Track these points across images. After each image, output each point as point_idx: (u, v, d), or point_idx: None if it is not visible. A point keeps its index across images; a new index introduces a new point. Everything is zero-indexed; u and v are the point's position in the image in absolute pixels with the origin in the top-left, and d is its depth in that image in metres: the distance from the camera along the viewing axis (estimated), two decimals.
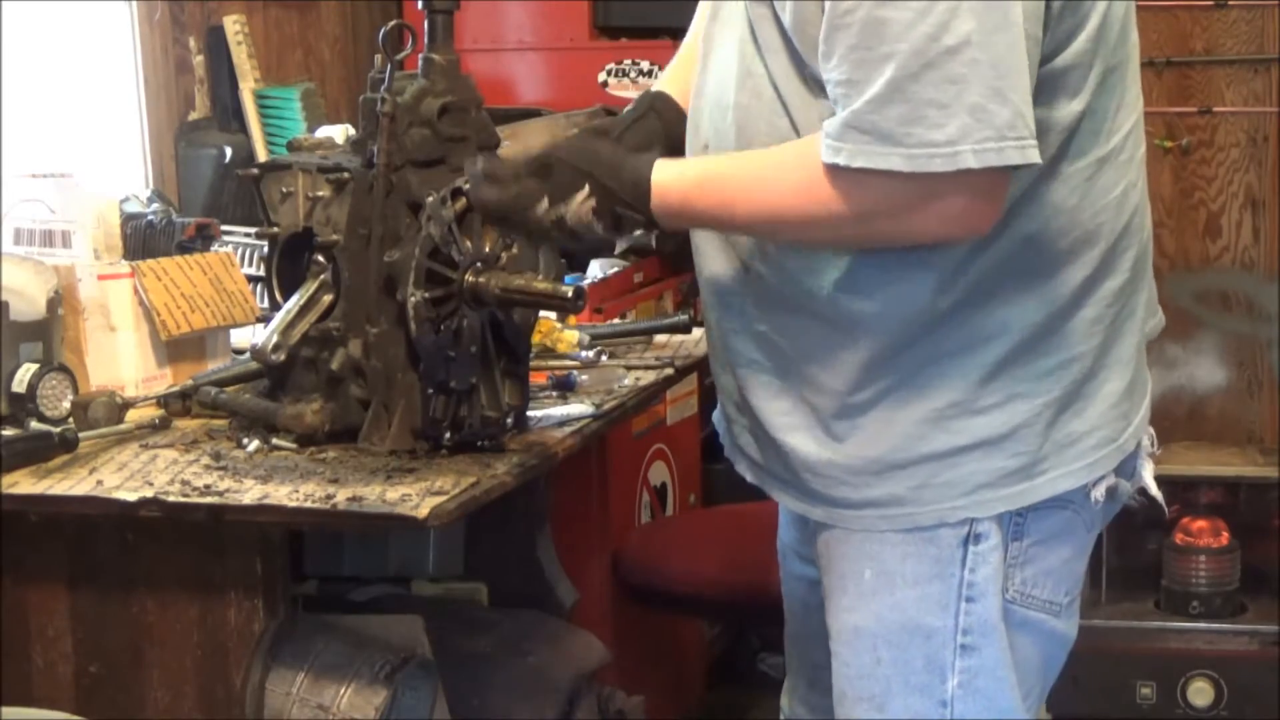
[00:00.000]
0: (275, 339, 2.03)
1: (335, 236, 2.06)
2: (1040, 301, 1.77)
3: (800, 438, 1.85)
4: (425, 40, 2.08)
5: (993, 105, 1.58)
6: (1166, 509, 1.92)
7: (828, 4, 1.64)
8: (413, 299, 1.99)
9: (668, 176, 1.78)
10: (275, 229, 2.13)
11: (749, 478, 1.99)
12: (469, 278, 2.03)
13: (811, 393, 1.83)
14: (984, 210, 1.66)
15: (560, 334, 2.62)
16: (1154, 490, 1.90)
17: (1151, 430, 1.91)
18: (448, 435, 2.05)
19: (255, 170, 2.16)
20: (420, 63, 2.08)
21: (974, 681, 1.83)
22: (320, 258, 2.08)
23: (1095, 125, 1.76)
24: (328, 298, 2.08)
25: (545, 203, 1.79)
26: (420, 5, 2.07)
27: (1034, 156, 1.62)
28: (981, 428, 1.78)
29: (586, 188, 1.78)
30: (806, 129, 1.73)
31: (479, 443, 2.08)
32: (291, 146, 2.21)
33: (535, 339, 2.50)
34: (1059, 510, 1.83)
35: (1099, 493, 1.83)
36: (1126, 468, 1.88)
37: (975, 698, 1.83)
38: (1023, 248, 1.75)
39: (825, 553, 1.90)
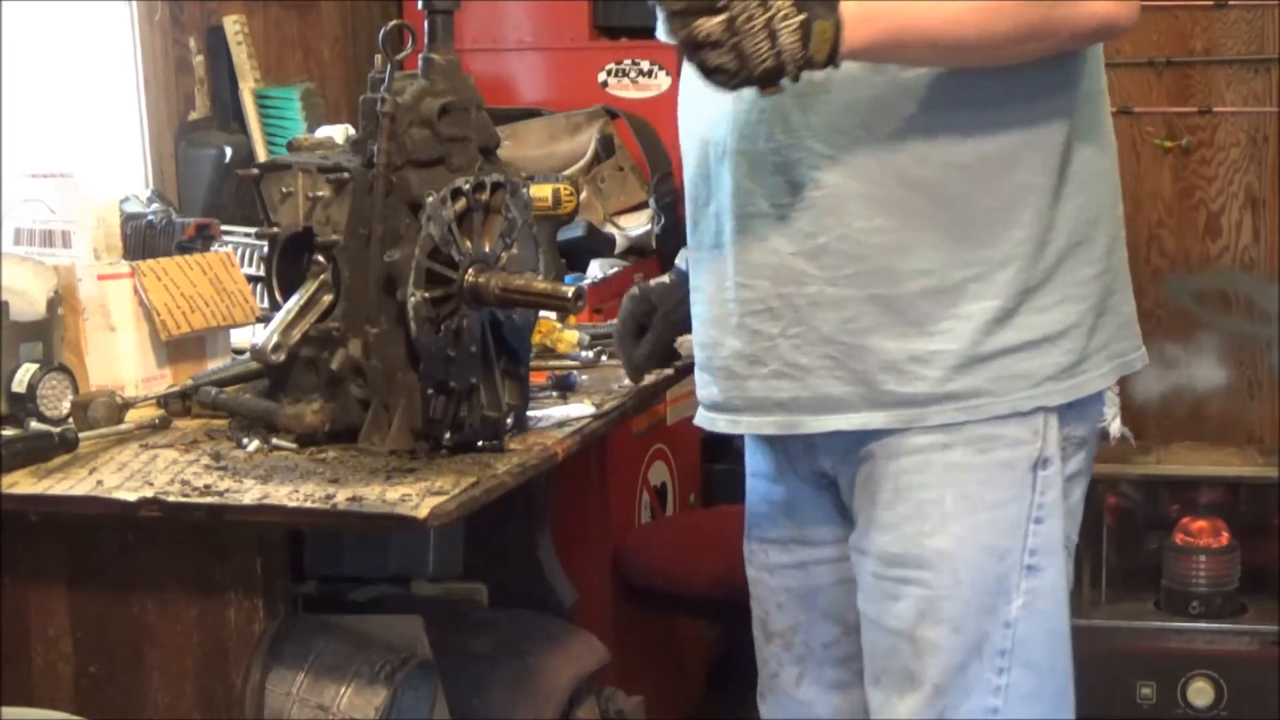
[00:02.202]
0: (275, 339, 2.03)
1: (335, 236, 2.06)
2: (1084, 209, 1.95)
3: (879, 338, 1.91)
4: (425, 40, 2.08)
5: None
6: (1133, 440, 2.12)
7: None
8: (413, 299, 1.99)
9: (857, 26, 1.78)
10: (275, 229, 2.13)
11: (770, 430, 2.01)
12: (469, 278, 2.04)
13: (889, 286, 1.90)
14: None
15: (560, 334, 2.62)
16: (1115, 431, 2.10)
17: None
18: (448, 435, 2.05)
19: (255, 170, 2.16)
20: (420, 63, 2.08)
21: (1035, 602, 1.95)
22: (320, 258, 2.08)
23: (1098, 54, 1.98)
24: (328, 298, 2.08)
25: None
26: (420, 5, 2.07)
27: None
28: (1044, 324, 1.93)
29: None
30: None
31: (479, 443, 2.08)
32: (291, 146, 2.21)
33: (535, 339, 2.50)
34: (1080, 449, 2.00)
35: (1115, 428, 1.99)
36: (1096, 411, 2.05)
37: (1035, 618, 1.95)
38: (1078, 153, 1.93)
39: (886, 484, 1.96)
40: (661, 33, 1.99)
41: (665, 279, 2.23)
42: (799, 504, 2.11)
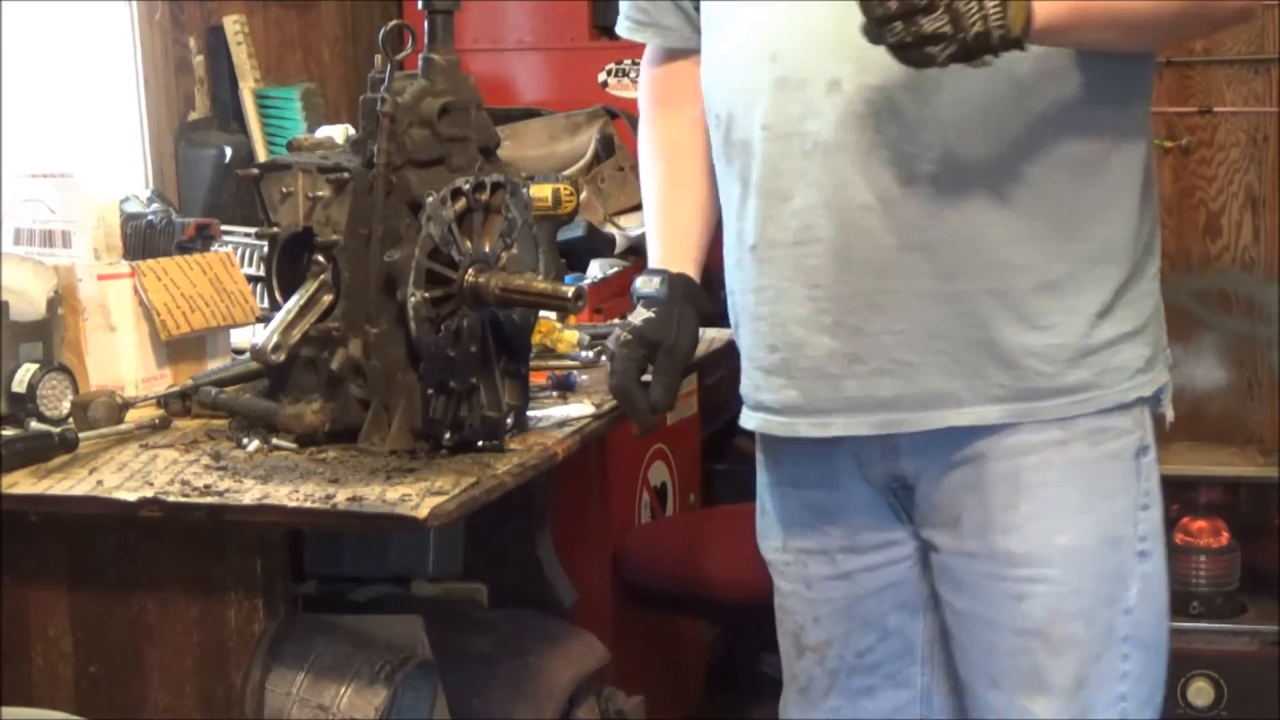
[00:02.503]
0: (275, 339, 2.03)
1: (335, 236, 2.06)
2: (1155, 205, 2.03)
3: (992, 332, 1.91)
4: (425, 40, 2.08)
5: None
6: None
7: None
8: (413, 299, 1.99)
9: None
10: (275, 229, 2.13)
11: (867, 430, 1.97)
12: (469, 278, 2.03)
13: (1001, 280, 1.91)
14: None
15: (560, 334, 2.62)
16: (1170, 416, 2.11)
17: None
18: (448, 435, 2.05)
19: (255, 170, 2.16)
20: (420, 63, 2.08)
21: (1148, 586, 2.00)
22: (320, 258, 2.08)
23: None
24: (328, 298, 2.08)
25: None
26: (420, 5, 2.07)
27: None
28: (1131, 318, 1.97)
29: None
30: None
31: (479, 443, 2.08)
32: (291, 146, 2.21)
33: (535, 339, 2.50)
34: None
35: (1170, 413, 2.06)
36: None
37: (1149, 602, 2.00)
38: (1149, 155, 2.00)
39: (1003, 485, 1.96)
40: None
41: (648, 314, 2.05)
42: (855, 511, 2.07)
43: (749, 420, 2.07)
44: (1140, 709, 2.01)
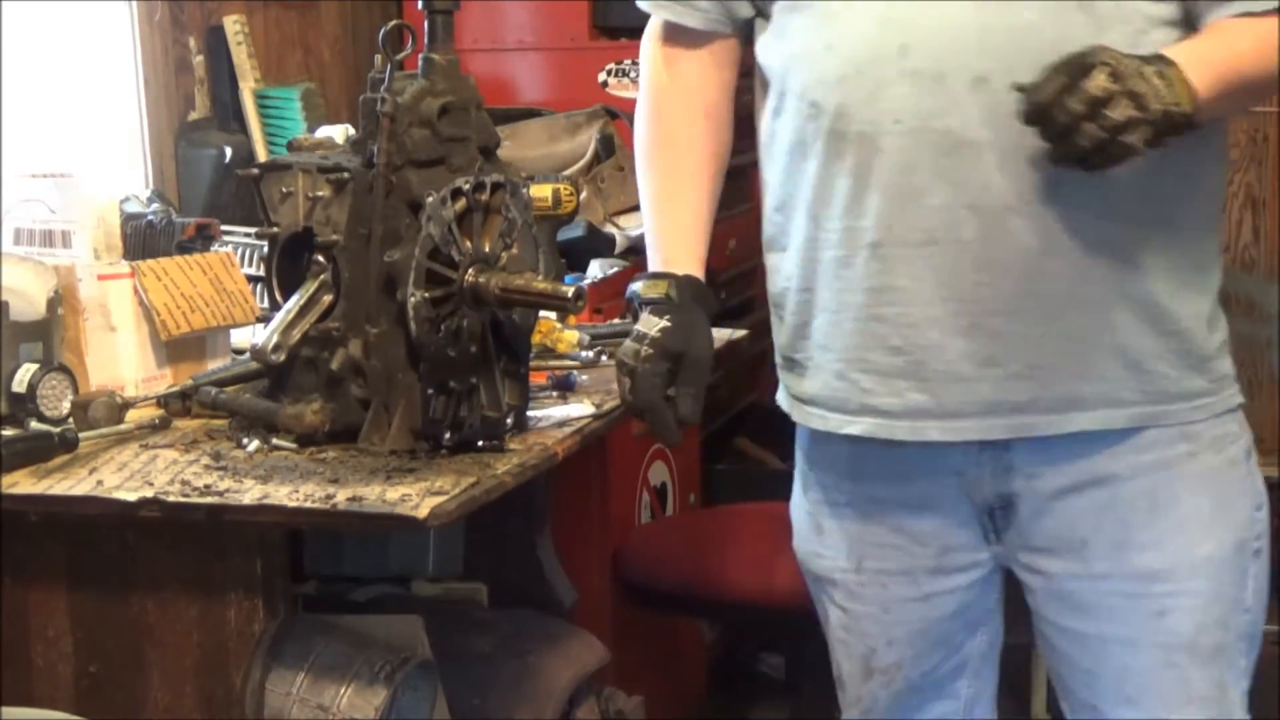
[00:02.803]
0: (275, 339, 2.04)
1: (335, 236, 2.06)
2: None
3: (1125, 335, 1.91)
4: (425, 40, 2.08)
5: None
6: None
7: None
8: (413, 299, 1.99)
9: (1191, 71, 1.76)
10: (275, 229, 2.13)
11: (1000, 434, 1.92)
12: (469, 278, 2.03)
13: (1136, 284, 1.90)
14: None
15: (560, 334, 2.62)
16: None
17: None
18: (448, 435, 2.05)
19: (255, 170, 2.16)
20: (420, 63, 2.08)
21: (1259, 584, 2.02)
22: (320, 258, 2.08)
23: None
24: (328, 298, 2.08)
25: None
26: (420, 5, 2.07)
27: None
28: (1224, 327, 2.00)
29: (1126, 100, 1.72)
30: None
31: (479, 443, 2.08)
32: (291, 146, 2.21)
33: (535, 339, 2.50)
34: None
35: None
36: None
37: (1259, 598, 2.02)
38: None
39: (1139, 503, 1.95)
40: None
41: (663, 322, 1.94)
42: (949, 531, 2.01)
43: (850, 426, 1.97)
44: (1249, 703, 2.06)
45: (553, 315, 2.57)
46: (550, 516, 2.82)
